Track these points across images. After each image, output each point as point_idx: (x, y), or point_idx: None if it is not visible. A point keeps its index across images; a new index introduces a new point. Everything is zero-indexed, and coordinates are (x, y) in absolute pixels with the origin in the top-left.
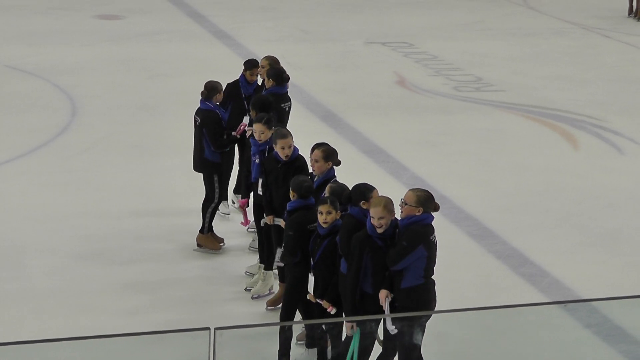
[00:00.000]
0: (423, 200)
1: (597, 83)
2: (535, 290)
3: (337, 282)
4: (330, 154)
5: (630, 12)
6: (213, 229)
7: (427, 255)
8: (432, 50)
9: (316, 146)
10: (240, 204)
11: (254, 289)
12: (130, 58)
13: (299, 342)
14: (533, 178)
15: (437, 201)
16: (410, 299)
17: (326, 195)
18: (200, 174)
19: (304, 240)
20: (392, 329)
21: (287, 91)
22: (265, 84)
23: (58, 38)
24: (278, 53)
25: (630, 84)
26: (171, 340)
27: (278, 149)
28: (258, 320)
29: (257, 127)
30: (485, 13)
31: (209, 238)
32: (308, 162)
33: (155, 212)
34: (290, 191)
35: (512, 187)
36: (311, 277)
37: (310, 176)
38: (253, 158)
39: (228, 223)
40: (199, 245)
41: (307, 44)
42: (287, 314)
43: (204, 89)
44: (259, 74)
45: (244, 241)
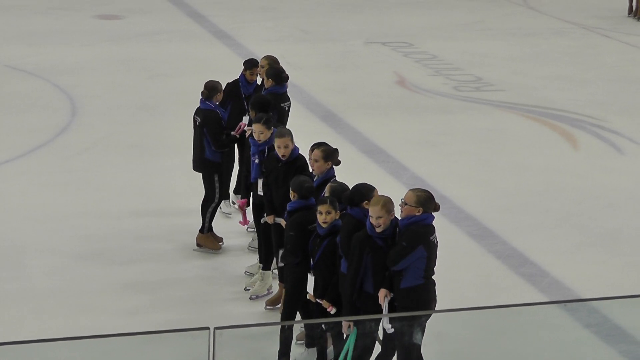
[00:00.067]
0: (423, 201)
1: (597, 83)
2: (535, 290)
3: (337, 282)
4: (330, 154)
5: (630, 11)
6: (212, 229)
7: (427, 255)
8: (432, 50)
9: (316, 146)
10: (239, 204)
11: (252, 289)
12: (130, 58)
13: (299, 341)
14: (533, 178)
15: (437, 201)
16: (410, 299)
17: (326, 195)
18: (200, 173)
19: (305, 240)
20: (388, 327)
21: (286, 91)
22: (265, 83)
23: (58, 38)
24: (278, 53)
25: (630, 83)
26: (171, 340)
27: (276, 148)
28: (257, 320)
29: (257, 127)
30: (485, 13)
31: (208, 238)
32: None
33: (155, 212)
34: (290, 191)
35: (512, 187)
36: (311, 277)
37: (309, 176)
38: (252, 158)
39: (228, 223)
40: (198, 245)
41: (307, 44)
42: (288, 314)
43: (204, 89)
44: (259, 73)
45: (243, 241)
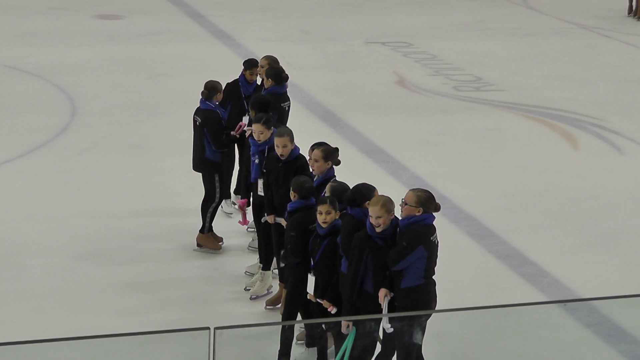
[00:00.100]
0: (423, 201)
1: (596, 83)
2: (535, 290)
3: (337, 282)
4: (330, 154)
5: (630, 11)
6: (212, 229)
7: (427, 255)
8: (431, 50)
9: (315, 146)
10: (239, 204)
11: (252, 289)
12: (130, 58)
13: (299, 341)
14: (533, 178)
15: (437, 201)
16: (410, 299)
17: (327, 195)
18: (200, 173)
19: (306, 240)
20: (388, 327)
21: (286, 91)
22: (264, 83)
23: (58, 38)
24: (278, 53)
25: (630, 83)
26: (171, 340)
27: (275, 147)
28: (257, 320)
29: (256, 127)
30: (485, 13)
31: (209, 238)
32: None
33: (155, 212)
34: (291, 191)
35: (512, 187)
36: (311, 277)
37: (310, 176)
38: (252, 158)
39: (228, 223)
40: (199, 245)
41: (307, 44)
42: (289, 315)
43: (205, 89)
44: (258, 73)
45: (243, 241)
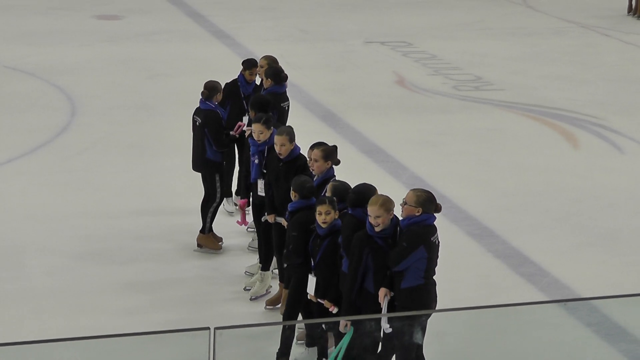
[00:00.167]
0: (422, 201)
1: (596, 82)
2: (535, 290)
3: (337, 281)
4: (329, 154)
5: (630, 10)
6: (212, 229)
7: (428, 256)
8: (431, 50)
9: (315, 145)
10: (240, 204)
11: (252, 289)
12: (129, 58)
13: (299, 341)
14: (533, 178)
15: (438, 202)
16: (410, 299)
17: (327, 194)
18: (199, 173)
19: (307, 240)
20: (386, 327)
21: (285, 90)
22: (264, 83)
23: (57, 38)
24: (277, 53)
25: (630, 83)
26: (171, 340)
27: (275, 145)
28: (257, 320)
29: (256, 127)
30: (485, 13)
31: (209, 238)
32: None
33: (154, 212)
34: (291, 191)
35: (512, 186)
36: (312, 277)
37: (310, 176)
38: (252, 159)
39: (228, 223)
40: (199, 245)
41: (306, 43)
42: (290, 315)
43: (205, 89)
44: (258, 73)
45: (243, 241)
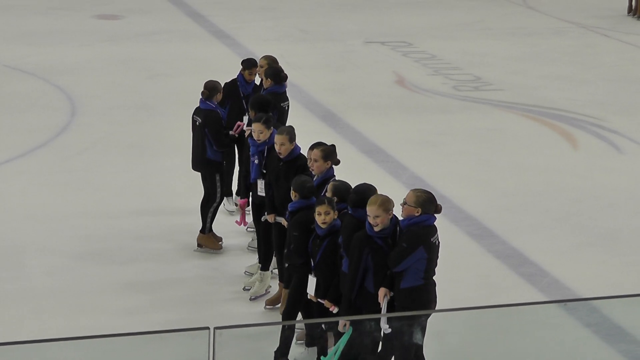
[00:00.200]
0: (422, 201)
1: (596, 82)
2: (535, 290)
3: (338, 281)
4: (329, 154)
5: (630, 10)
6: (212, 229)
7: (428, 257)
8: (431, 50)
9: (315, 145)
10: (240, 203)
11: (251, 289)
12: (129, 58)
13: (299, 341)
14: (533, 178)
15: (438, 203)
16: (410, 299)
17: (328, 194)
18: (199, 173)
19: (308, 240)
20: (385, 328)
21: (285, 90)
22: (263, 83)
23: (57, 38)
24: (277, 53)
25: (629, 83)
26: (171, 340)
27: (275, 145)
28: (257, 320)
29: (256, 127)
30: (485, 13)
31: (209, 238)
32: None
33: (154, 212)
34: (291, 191)
35: (512, 187)
36: (312, 277)
37: (310, 175)
38: (252, 159)
39: (227, 223)
40: (199, 245)
41: (306, 43)
42: (290, 314)
43: (205, 89)
44: (258, 73)
45: (243, 241)
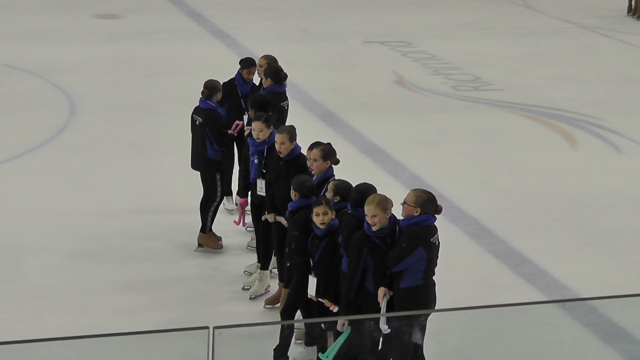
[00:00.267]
0: (422, 201)
1: (596, 82)
2: (534, 290)
3: (337, 281)
4: (328, 153)
5: (630, 10)
6: (212, 228)
7: (427, 257)
8: (430, 50)
9: (314, 145)
10: (240, 203)
11: (251, 289)
12: (129, 57)
13: (298, 340)
14: (532, 178)
15: (439, 203)
16: (410, 299)
17: (328, 193)
18: (198, 172)
19: (309, 239)
20: (385, 328)
21: (285, 90)
22: (263, 83)
23: (57, 37)
24: (277, 52)
25: (629, 83)
26: (170, 339)
27: (275, 144)
28: (257, 319)
29: (256, 125)
30: (484, 13)
31: (210, 237)
32: None
33: (154, 211)
34: (291, 191)
35: (511, 186)
36: (312, 277)
37: (310, 175)
38: (252, 158)
39: (227, 222)
40: (200, 244)
41: (306, 43)
42: (289, 313)
43: (205, 88)
44: (258, 73)
45: (242, 240)
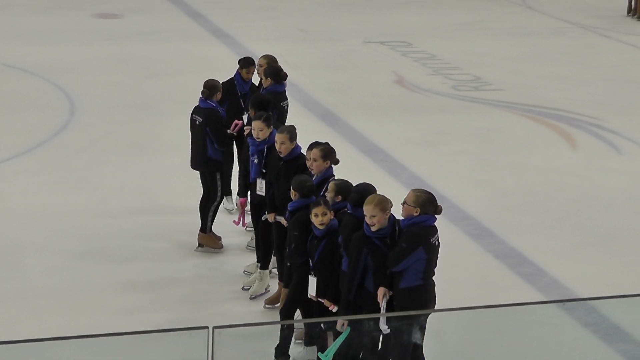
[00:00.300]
0: (422, 201)
1: (595, 83)
2: (534, 290)
3: (337, 280)
4: (328, 153)
5: (629, 11)
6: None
7: (427, 257)
8: (430, 50)
9: (314, 145)
10: (240, 202)
11: (251, 288)
12: (129, 57)
13: (297, 340)
14: (532, 178)
15: (439, 204)
16: (409, 299)
17: (328, 194)
18: (197, 172)
19: (308, 239)
20: (385, 328)
21: (285, 89)
22: (263, 82)
23: (57, 37)
24: (277, 52)
25: (628, 83)
26: (170, 339)
27: (275, 144)
28: (256, 319)
29: (256, 124)
30: (484, 13)
31: (210, 237)
32: None
33: (154, 211)
34: (291, 190)
35: (511, 186)
36: (311, 277)
37: (310, 175)
38: (252, 158)
39: (226, 222)
40: (200, 244)
41: (306, 43)
42: (288, 313)
43: (205, 88)
44: (258, 72)
45: (242, 240)
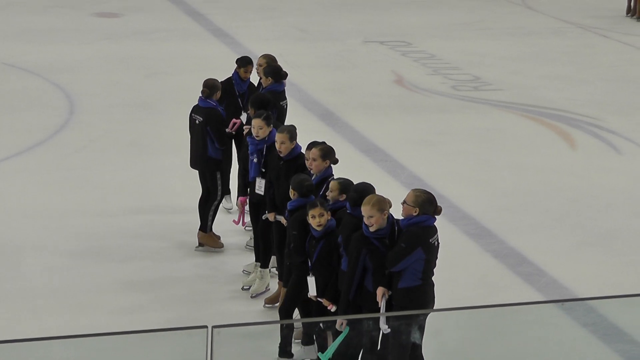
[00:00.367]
0: (421, 201)
1: (595, 83)
2: (533, 290)
3: (336, 280)
4: (327, 153)
5: (629, 11)
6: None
7: (426, 257)
8: (430, 49)
9: (313, 144)
10: (240, 201)
11: (252, 287)
12: (128, 56)
13: (296, 340)
14: (531, 178)
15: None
16: (408, 299)
17: (330, 193)
18: (197, 171)
19: (307, 238)
20: (385, 328)
21: (284, 89)
22: (263, 82)
23: (56, 36)
24: (277, 52)
25: (628, 83)
26: (169, 339)
27: (276, 143)
28: (256, 319)
29: (256, 123)
30: (484, 13)
31: (211, 236)
32: None
33: (153, 210)
34: (290, 190)
35: (510, 186)
36: (310, 278)
37: (309, 174)
38: (251, 157)
39: (226, 222)
40: (200, 244)
41: (305, 43)
42: (287, 311)
43: (205, 87)
44: (257, 72)
45: (241, 239)
